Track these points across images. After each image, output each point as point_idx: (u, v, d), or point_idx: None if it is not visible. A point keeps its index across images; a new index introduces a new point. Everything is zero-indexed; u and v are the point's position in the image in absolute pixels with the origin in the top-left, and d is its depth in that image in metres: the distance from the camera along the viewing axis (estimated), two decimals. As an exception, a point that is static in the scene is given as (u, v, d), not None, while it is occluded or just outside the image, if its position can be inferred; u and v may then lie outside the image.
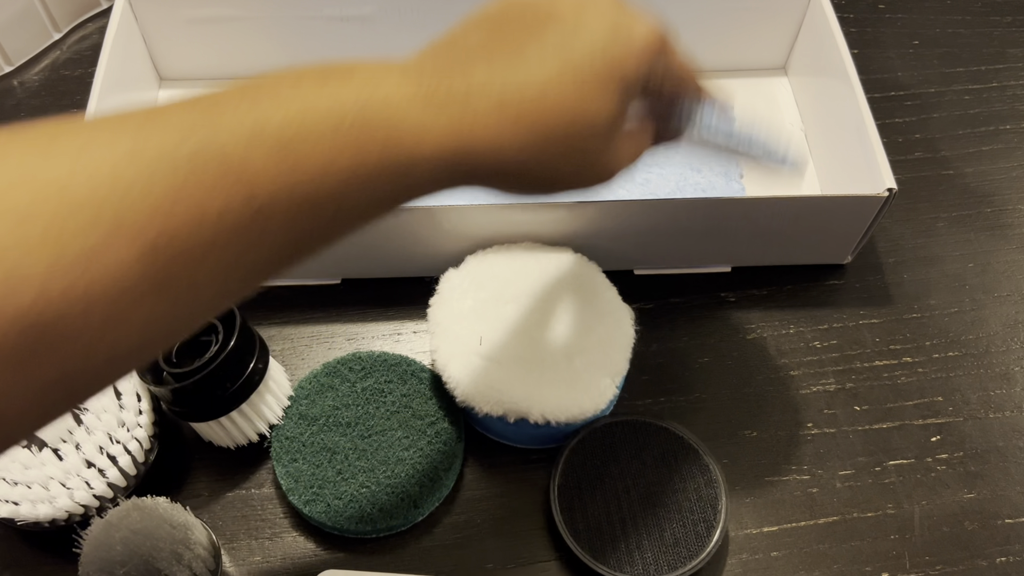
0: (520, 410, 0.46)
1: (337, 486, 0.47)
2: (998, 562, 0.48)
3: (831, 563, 0.48)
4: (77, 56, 0.69)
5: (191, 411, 0.46)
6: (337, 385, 0.50)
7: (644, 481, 0.47)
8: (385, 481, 0.47)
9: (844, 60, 0.58)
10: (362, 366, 0.51)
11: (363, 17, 0.62)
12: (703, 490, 0.47)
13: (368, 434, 0.48)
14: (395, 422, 0.49)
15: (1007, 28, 0.73)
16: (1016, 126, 0.67)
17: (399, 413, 0.49)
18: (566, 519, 0.46)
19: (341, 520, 0.46)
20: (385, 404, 0.49)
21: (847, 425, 0.52)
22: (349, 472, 0.47)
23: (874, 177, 0.52)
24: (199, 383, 0.44)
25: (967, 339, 0.56)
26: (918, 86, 0.69)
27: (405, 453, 0.48)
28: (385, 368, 0.51)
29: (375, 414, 0.49)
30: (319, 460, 0.48)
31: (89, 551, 0.41)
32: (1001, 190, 0.63)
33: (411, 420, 0.49)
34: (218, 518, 0.48)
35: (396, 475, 0.47)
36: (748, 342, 0.55)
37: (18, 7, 0.66)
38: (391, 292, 0.56)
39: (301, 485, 0.47)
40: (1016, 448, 0.52)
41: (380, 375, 0.50)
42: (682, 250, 0.56)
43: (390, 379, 0.50)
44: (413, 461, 0.48)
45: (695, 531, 0.46)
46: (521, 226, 0.53)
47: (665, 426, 0.49)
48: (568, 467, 0.48)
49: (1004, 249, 0.60)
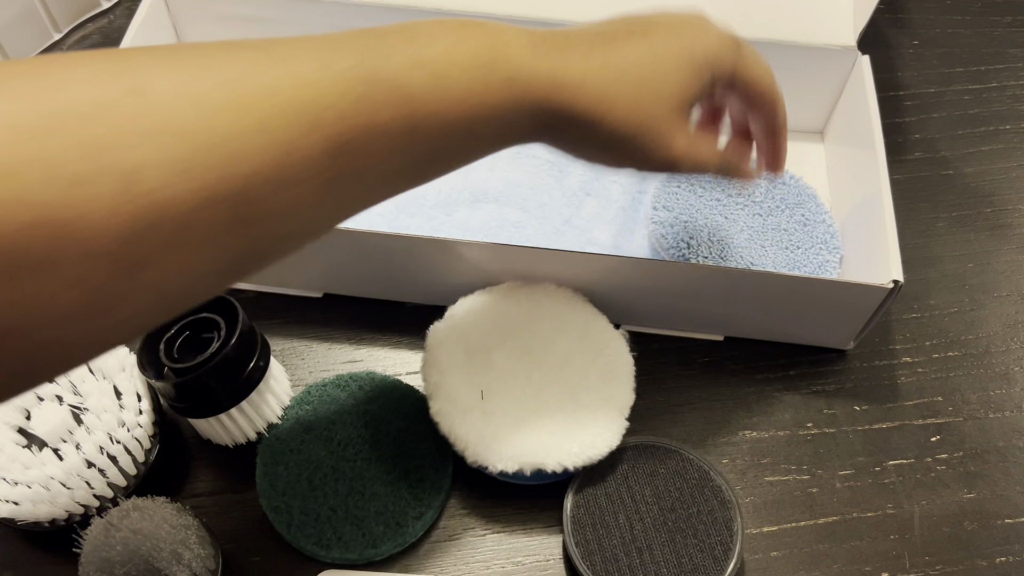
0: (536, 462, 0.45)
1: (305, 501, 0.46)
2: (998, 562, 0.48)
3: (831, 563, 0.48)
4: (77, 56, 0.69)
5: (192, 407, 0.46)
6: (343, 400, 0.50)
7: (657, 506, 0.47)
8: (353, 511, 0.46)
9: (874, 137, 0.55)
10: (372, 387, 0.50)
11: None
12: (717, 512, 0.46)
13: (354, 458, 0.48)
14: (383, 453, 0.48)
15: (1007, 28, 0.73)
16: (1016, 126, 0.67)
17: (390, 446, 0.48)
18: (582, 553, 0.46)
19: (299, 535, 0.46)
20: (381, 433, 0.49)
21: (847, 425, 0.52)
22: (322, 491, 0.47)
23: (882, 265, 0.50)
24: (200, 378, 0.44)
25: (967, 339, 0.56)
26: (918, 86, 0.69)
27: (381, 489, 0.47)
28: (394, 396, 0.50)
29: (367, 440, 0.48)
30: (299, 470, 0.47)
31: (89, 551, 0.41)
32: (1001, 190, 0.63)
33: (399, 457, 0.48)
34: (218, 518, 0.48)
35: (365, 508, 0.46)
36: (747, 342, 0.55)
37: (18, 7, 0.66)
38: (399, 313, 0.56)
39: (274, 490, 0.47)
40: (1016, 448, 0.52)
41: (385, 402, 0.50)
42: (673, 312, 0.54)
43: (394, 408, 0.49)
44: (387, 499, 0.47)
45: (712, 555, 0.45)
46: (514, 265, 0.51)
47: (675, 448, 0.48)
48: (580, 499, 0.47)
49: (1004, 249, 0.60)
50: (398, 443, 0.48)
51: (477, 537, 0.48)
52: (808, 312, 0.52)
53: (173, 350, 0.45)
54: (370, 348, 0.54)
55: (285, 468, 0.47)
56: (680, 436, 0.52)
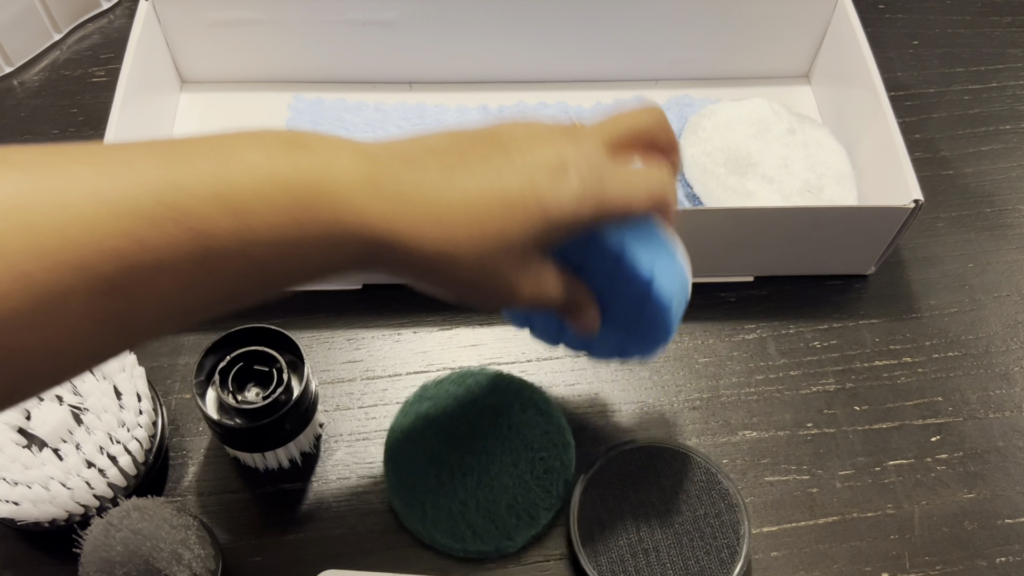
0: None
1: (436, 496, 0.47)
2: (998, 562, 0.48)
3: (831, 563, 0.48)
4: (77, 56, 0.69)
5: (243, 443, 0.46)
6: (461, 395, 0.50)
7: (664, 508, 0.47)
8: (484, 505, 0.47)
9: (869, 69, 0.57)
10: (488, 382, 0.51)
11: (385, 22, 0.61)
12: (724, 515, 0.46)
13: (478, 452, 0.48)
14: (506, 448, 0.49)
15: (1007, 28, 0.73)
16: (1016, 126, 0.67)
17: (512, 440, 0.49)
18: (588, 553, 0.46)
19: (432, 530, 0.46)
20: (500, 427, 0.49)
21: (847, 425, 0.52)
22: (451, 485, 0.47)
23: (900, 188, 0.52)
24: (277, 421, 0.44)
25: (967, 339, 0.56)
26: (918, 86, 0.69)
27: (508, 481, 0.48)
28: (511, 389, 0.51)
29: (488, 434, 0.49)
30: (425, 466, 0.48)
31: (89, 551, 0.41)
32: (1001, 190, 0.63)
33: (522, 450, 0.49)
34: (218, 518, 0.48)
35: (496, 501, 0.47)
36: (748, 342, 0.55)
37: (18, 7, 0.66)
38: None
39: (405, 486, 0.47)
40: (1016, 448, 0.52)
41: (503, 396, 0.50)
42: (705, 260, 0.55)
43: (512, 401, 0.50)
44: (516, 492, 0.47)
45: (719, 557, 0.45)
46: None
47: (681, 450, 0.49)
48: (586, 499, 0.47)
49: (1004, 249, 0.60)
50: (519, 435, 0.49)
51: (477, 537, 0.48)
52: (830, 242, 0.55)
53: (228, 383, 0.45)
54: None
55: (411, 465, 0.48)
56: (683, 436, 0.52)
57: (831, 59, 0.64)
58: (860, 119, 0.59)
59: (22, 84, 0.67)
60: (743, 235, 0.54)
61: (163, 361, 0.53)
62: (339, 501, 0.49)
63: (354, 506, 0.49)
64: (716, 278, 0.57)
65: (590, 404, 0.53)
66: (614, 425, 0.52)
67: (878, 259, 0.57)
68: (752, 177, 0.56)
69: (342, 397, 0.53)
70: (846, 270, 0.58)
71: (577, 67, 0.66)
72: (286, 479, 0.50)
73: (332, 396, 0.53)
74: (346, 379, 0.53)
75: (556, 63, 0.65)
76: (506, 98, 0.66)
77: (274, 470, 0.49)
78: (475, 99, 0.65)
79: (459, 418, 0.49)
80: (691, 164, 0.57)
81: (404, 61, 0.64)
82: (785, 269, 0.58)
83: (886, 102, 0.56)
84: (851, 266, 0.58)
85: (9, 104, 0.66)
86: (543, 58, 0.65)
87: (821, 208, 0.52)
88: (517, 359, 0.54)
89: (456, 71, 0.66)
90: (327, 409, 0.52)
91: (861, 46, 0.59)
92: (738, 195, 0.55)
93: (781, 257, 0.56)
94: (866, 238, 0.55)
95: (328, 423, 0.51)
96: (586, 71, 0.66)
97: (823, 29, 0.64)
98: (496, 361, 0.54)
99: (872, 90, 0.57)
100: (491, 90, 0.66)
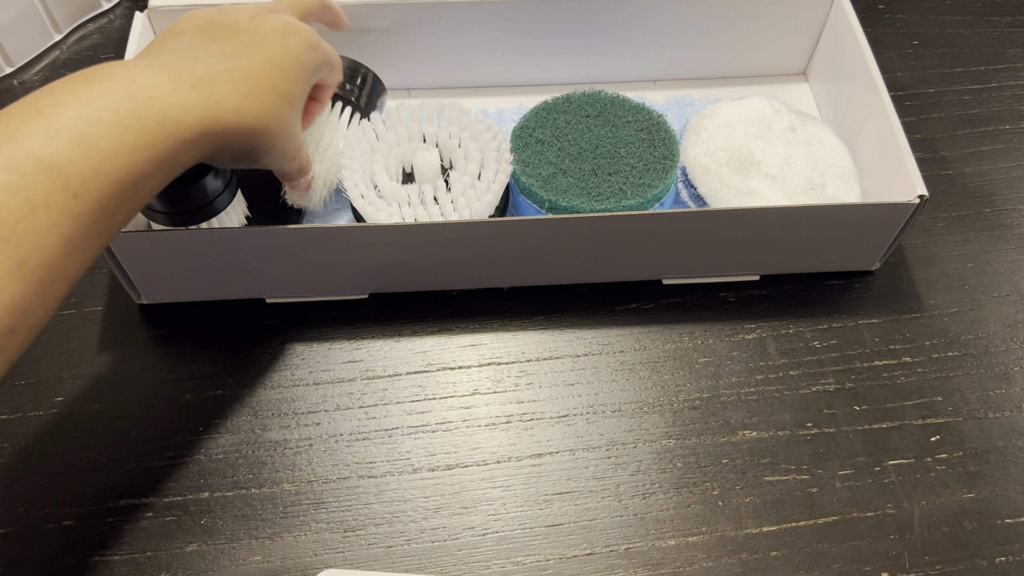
0: None
1: (567, 170, 0.54)
2: (998, 562, 0.48)
3: (831, 563, 0.48)
4: (77, 56, 0.69)
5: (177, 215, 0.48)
6: (568, 118, 0.56)
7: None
8: (606, 174, 0.54)
9: (869, 65, 0.57)
10: (595, 104, 0.57)
11: (384, 29, 0.61)
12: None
13: (587, 159, 0.55)
14: (613, 162, 0.54)
15: (1007, 28, 0.73)
16: (1016, 126, 0.67)
17: (619, 155, 0.55)
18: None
19: (560, 191, 0.53)
20: (606, 142, 0.55)
21: (847, 425, 0.52)
22: (577, 157, 0.55)
23: (903, 183, 0.52)
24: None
25: (967, 339, 0.56)
26: (917, 86, 0.69)
27: (632, 160, 0.55)
28: (614, 108, 0.57)
29: (595, 151, 0.55)
30: (545, 166, 0.54)
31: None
32: (1001, 190, 0.63)
33: (628, 158, 0.55)
34: (218, 518, 0.48)
35: (618, 170, 0.54)
36: (748, 342, 0.55)
37: (19, 8, 0.66)
38: (391, 292, 0.56)
39: (531, 167, 0.54)
40: (1016, 448, 0.52)
41: (609, 116, 0.57)
42: (712, 260, 0.56)
43: (617, 120, 0.56)
44: (637, 171, 0.54)
45: None
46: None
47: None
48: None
49: (1004, 249, 0.60)
50: (627, 150, 0.55)
51: (477, 537, 0.48)
52: (836, 239, 0.55)
53: None
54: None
55: (537, 155, 0.55)
56: (683, 436, 0.52)
57: (828, 55, 0.65)
58: (860, 115, 0.59)
59: (22, 84, 0.67)
60: (749, 235, 0.54)
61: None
62: (339, 501, 0.49)
63: (354, 506, 0.49)
64: (723, 278, 0.58)
65: (590, 404, 0.53)
66: (614, 425, 0.52)
67: (883, 255, 0.57)
68: (755, 176, 0.56)
69: (342, 397, 0.53)
70: (851, 267, 0.58)
71: (575, 70, 0.66)
72: (286, 479, 0.50)
73: (332, 396, 0.53)
74: (346, 379, 0.53)
75: (554, 67, 0.66)
76: (505, 102, 0.66)
77: None
78: (474, 104, 0.64)
79: (566, 136, 0.56)
80: (694, 165, 0.57)
81: (402, 67, 0.64)
82: (791, 267, 0.58)
83: (886, 97, 0.56)
84: (856, 262, 0.58)
85: (9, 104, 0.66)
86: (541, 62, 0.65)
87: (827, 206, 0.53)
88: (517, 359, 0.54)
89: (454, 77, 0.66)
90: (327, 409, 0.52)
91: (859, 42, 0.59)
92: (742, 195, 0.55)
93: (787, 255, 0.56)
94: (871, 234, 0.55)
95: (328, 423, 0.52)
96: (584, 74, 0.66)
97: (820, 25, 0.65)
98: (496, 361, 0.54)
99: (871, 85, 0.57)
100: (490, 95, 0.66)
